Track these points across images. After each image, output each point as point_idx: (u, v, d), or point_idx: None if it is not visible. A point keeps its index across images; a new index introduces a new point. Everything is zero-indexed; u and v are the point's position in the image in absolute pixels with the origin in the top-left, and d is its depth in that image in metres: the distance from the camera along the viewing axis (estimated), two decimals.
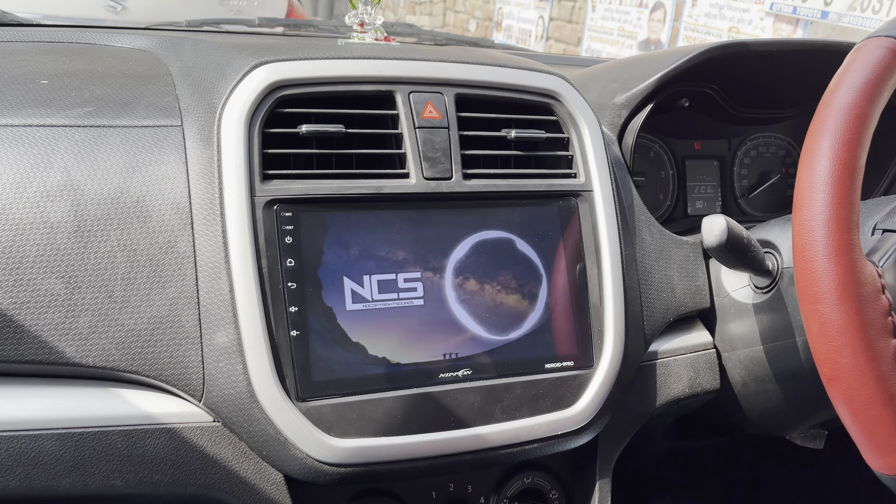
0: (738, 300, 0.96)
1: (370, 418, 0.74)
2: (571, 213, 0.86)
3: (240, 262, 0.72)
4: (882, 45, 0.69)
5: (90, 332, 0.71)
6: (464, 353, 0.79)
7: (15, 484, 0.69)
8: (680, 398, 0.96)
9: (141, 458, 0.72)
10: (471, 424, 0.78)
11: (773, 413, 0.98)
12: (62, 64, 0.93)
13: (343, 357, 0.75)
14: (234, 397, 0.72)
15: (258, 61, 0.78)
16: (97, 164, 0.75)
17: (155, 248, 0.73)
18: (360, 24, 0.99)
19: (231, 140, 0.75)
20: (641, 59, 1.14)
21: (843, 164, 0.65)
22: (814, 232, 0.64)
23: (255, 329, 0.71)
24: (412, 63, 0.83)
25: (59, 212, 0.72)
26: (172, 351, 0.72)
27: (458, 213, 0.81)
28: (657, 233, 0.97)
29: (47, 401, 0.70)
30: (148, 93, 0.84)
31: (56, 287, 0.70)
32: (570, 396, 0.83)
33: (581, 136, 0.89)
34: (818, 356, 0.65)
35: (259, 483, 0.75)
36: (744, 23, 3.62)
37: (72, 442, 0.70)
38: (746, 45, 1.07)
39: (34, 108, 0.78)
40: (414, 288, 0.78)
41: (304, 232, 0.75)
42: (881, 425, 0.63)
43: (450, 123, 0.82)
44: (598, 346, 0.85)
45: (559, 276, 0.84)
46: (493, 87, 0.86)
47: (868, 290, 0.64)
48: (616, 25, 4.55)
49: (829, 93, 0.69)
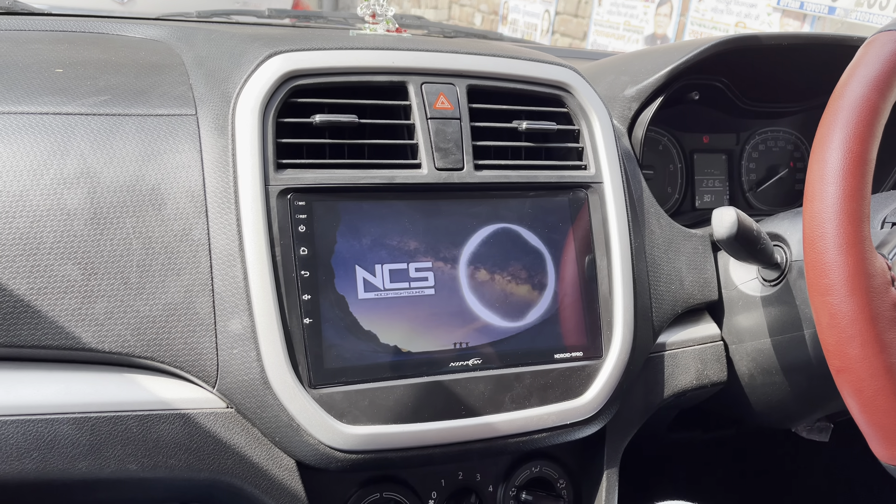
0: (746, 293, 0.96)
1: (381, 406, 0.75)
2: (581, 204, 0.87)
3: (254, 250, 0.73)
4: (893, 39, 0.69)
5: (106, 318, 0.72)
6: (474, 343, 0.80)
7: (32, 467, 0.70)
8: (687, 390, 0.96)
9: (155, 443, 0.72)
10: (480, 413, 0.79)
11: (780, 405, 0.99)
12: (76, 53, 0.93)
13: (355, 345, 0.75)
14: (248, 384, 0.73)
15: (273, 51, 0.78)
16: (113, 152, 0.75)
17: (170, 235, 0.74)
18: (371, 14, 1.00)
19: (245, 129, 0.75)
20: (651, 52, 1.14)
21: (854, 158, 0.65)
22: (825, 224, 0.64)
23: (269, 316, 0.72)
24: (425, 54, 0.84)
25: (75, 199, 0.73)
26: (187, 337, 0.73)
27: (470, 204, 0.82)
28: (666, 225, 0.98)
29: (63, 385, 0.71)
30: (162, 82, 0.85)
31: (72, 273, 0.71)
32: (579, 386, 0.83)
33: (592, 128, 0.89)
34: (827, 347, 0.66)
35: (271, 469, 0.76)
36: (751, 18, 3.61)
37: (88, 426, 0.71)
38: (757, 38, 1.07)
39: (50, 97, 0.79)
40: (425, 277, 0.79)
41: (318, 221, 0.76)
42: (889, 416, 0.64)
43: (462, 114, 0.83)
44: (607, 337, 0.85)
45: (569, 267, 0.85)
46: (504, 79, 0.87)
47: (878, 282, 0.64)
48: (622, 20, 4.54)
49: (841, 86, 0.69)
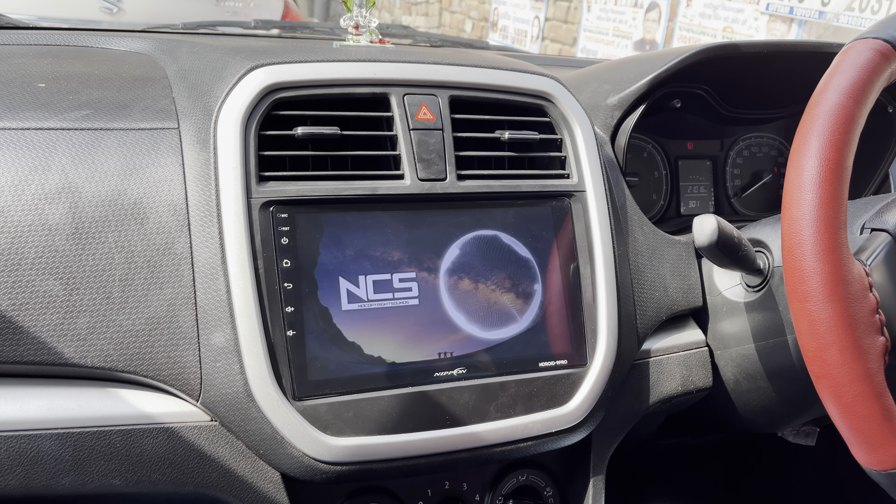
0: (730, 299, 0.97)
1: (366, 417, 0.75)
2: (565, 213, 0.87)
3: (236, 263, 0.73)
4: (869, 47, 0.70)
5: (88, 333, 0.72)
6: (458, 352, 0.80)
7: (14, 483, 0.69)
8: (673, 396, 0.97)
9: (139, 458, 0.72)
10: (466, 423, 0.79)
11: (765, 410, 0.99)
12: (59, 67, 0.93)
13: (339, 356, 0.75)
14: (232, 397, 0.73)
15: (254, 64, 0.79)
16: (95, 167, 0.75)
17: (152, 249, 0.74)
18: (354, 26, 1.00)
19: (227, 142, 0.75)
20: (634, 61, 1.15)
21: (830, 165, 0.65)
22: (802, 231, 0.65)
23: (252, 329, 0.72)
24: (406, 65, 0.84)
25: (57, 214, 0.73)
26: (170, 351, 0.73)
27: (453, 214, 0.82)
28: (650, 232, 0.98)
29: (46, 401, 0.71)
30: (145, 96, 0.85)
31: (54, 288, 0.71)
32: (564, 394, 0.84)
33: (574, 137, 0.90)
34: (807, 354, 0.66)
35: (256, 482, 0.76)
36: (738, 23, 3.63)
37: (70, 442, 0.70)
38: (737, 46, 1.08)
39: (32, 112, 0.79)
40: (409, 288, 0.79)
41: (300, 233, 0.76)
42: (869, 422, 0.64)
43: (444, 125, 0.83)
44: (591, 345, 0.86)
45: (553, 275, 0.85)
46: (486, 89, 0.87)
47: (855, 288, 0.65)
48: (611, 25, 4.56)
49: (817, 94, 0.69)
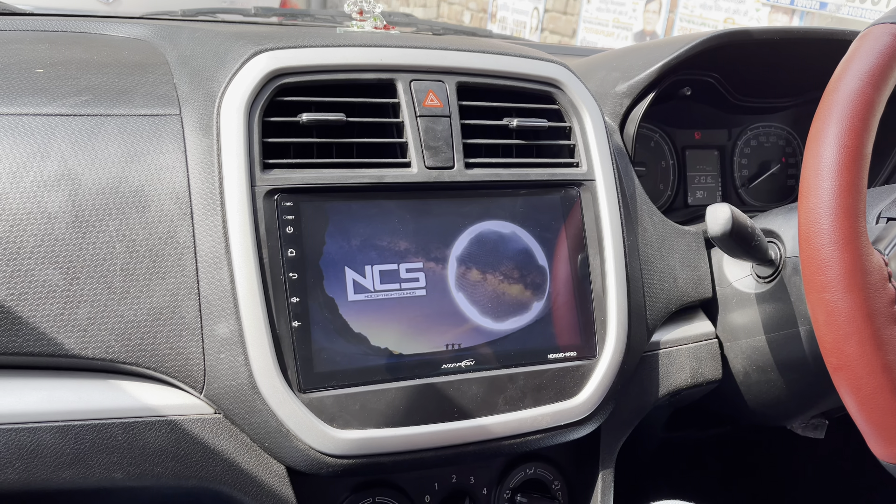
0: (741, 290, 0.95)
1: (373, 409, 0.74)
2: (573, 202, 0.86)
3: (240, 252, 0.71)
4: (888, 32, 0.68)
5: (89, 324, 0.70)
6: (466, 344, 0.79)
7: (14, 477, 0.68)
8: (682, 388, 0.95)
9: (141, 451, 0.71)
10: (474, 415, 0.77)
11: (775, 403, 0.98)
12: (57, 53, 0.91)
13: (345, 348, 0.74)
14: (236, 389, 0.71)
15: (258, 49, 0.77)
16: (95, 154, 0.74)
17: (154, 238, 0.72)
18: (359, 11, 0.98)
19: (231, 129, 0.74)
20: (643, 48, 1.13)
21: (850, 152, 0.64)
22: (820, 220, 0.63)
23: (257, 320, 0.71)
24: (413, 51, 0.82)
25: (56, 201, 0.71)
26: (173, 342, 0.71)
27: (460, 203, 0.81)
28: (659, 222, 0.97)
29: (46, 393, 0.70)
30: (145, 82, 0.83)
31: (54, 278, 0.70)
32: (573, 387, 0.82)
33: (583, 124, 0.88)
34: (824, 345, 0.65)
35: (261, 475, 0.74)
36: (739, 14, 3.61)
37: (71, 434, 0.69)
38: (749, 32, 1.06)
39: (30, 97, 0.77)
40: (416, 278, 0.78)
41: (305, 222, 0.74)
42: (888, 414, 0.63)
43: (451, 112, 0.81)
44: (600, 337, 0.84)
45: (561, 265, 0.84)
46: (494, 76, 0.85)
47: (875, 278, 0.64)
48: (611, 17, 4.53)
49: (835, 80, 0.68)
